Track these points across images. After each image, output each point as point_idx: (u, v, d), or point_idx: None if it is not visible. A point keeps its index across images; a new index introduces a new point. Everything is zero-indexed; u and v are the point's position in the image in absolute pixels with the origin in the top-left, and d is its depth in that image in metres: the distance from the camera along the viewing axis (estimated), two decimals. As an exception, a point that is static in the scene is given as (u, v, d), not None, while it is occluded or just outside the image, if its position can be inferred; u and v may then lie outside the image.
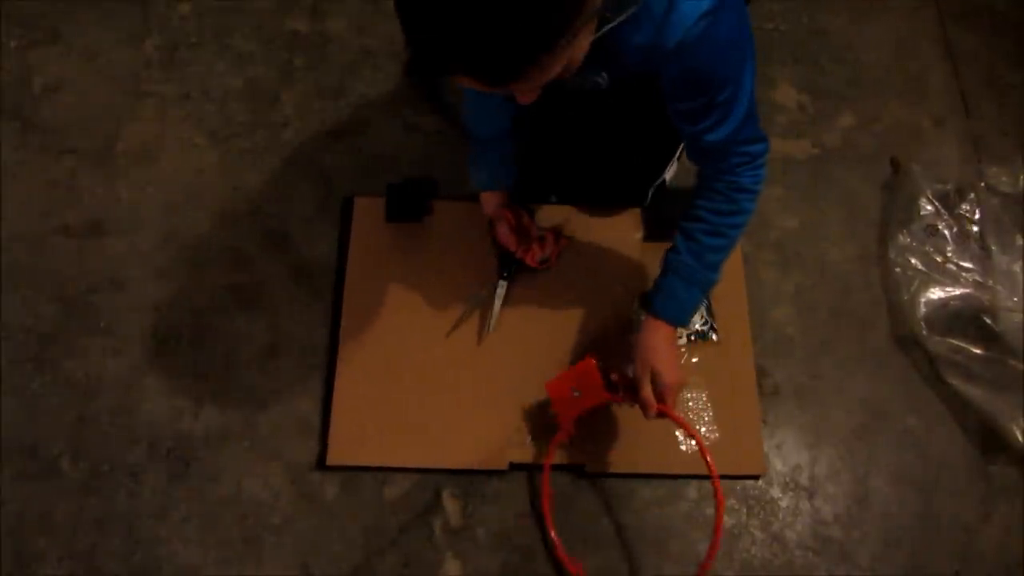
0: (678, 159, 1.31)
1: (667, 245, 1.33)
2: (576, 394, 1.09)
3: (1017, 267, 1.31)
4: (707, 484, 1.19)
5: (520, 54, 0.64)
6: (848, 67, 1.54)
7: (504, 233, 1.22)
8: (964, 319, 1.28)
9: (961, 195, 1.37)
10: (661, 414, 1.03)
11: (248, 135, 1.41)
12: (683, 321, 1.08)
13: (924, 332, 1.27)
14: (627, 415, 1.19)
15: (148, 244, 1.31)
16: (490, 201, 1.23)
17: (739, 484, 1.20)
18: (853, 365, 1.29)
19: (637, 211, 1.33)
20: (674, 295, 1.04)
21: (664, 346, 1.04)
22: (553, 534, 1.12)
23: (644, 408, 1.03)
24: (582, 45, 0.72)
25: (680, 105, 0.93)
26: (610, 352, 1.17)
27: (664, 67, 0.88)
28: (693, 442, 1.19)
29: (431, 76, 0.65)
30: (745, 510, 1.18)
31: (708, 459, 1.04)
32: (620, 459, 1.17)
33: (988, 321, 1.27)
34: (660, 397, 1.02)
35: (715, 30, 0.82)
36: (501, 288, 1.24)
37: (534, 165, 1.27)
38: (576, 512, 1.16)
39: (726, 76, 0.88)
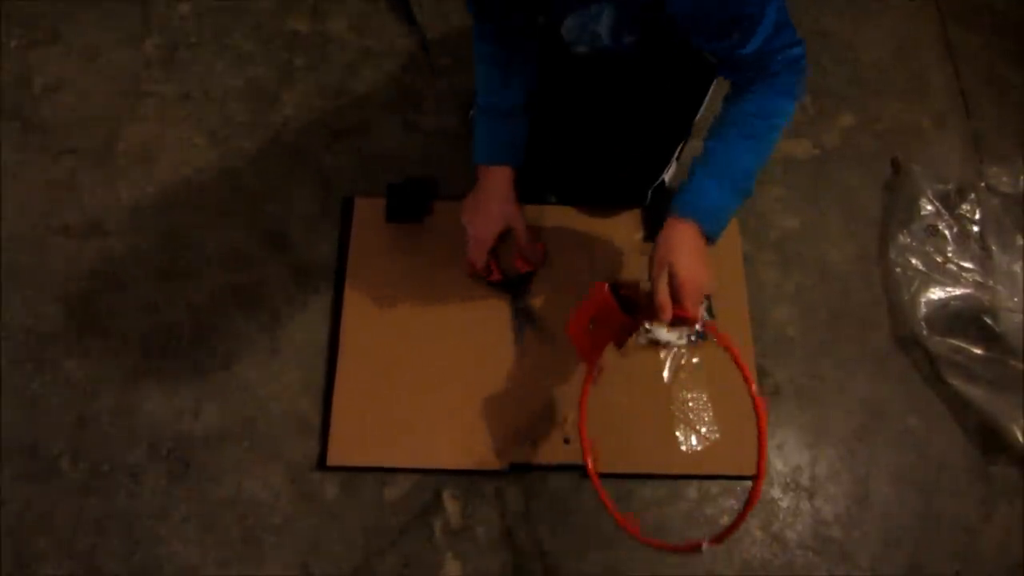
0: (677, 159, 1.30)
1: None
2: (592, 326, 1.00)
3: (1017, 267, 1.31)
4: (707, 484, 1.19)
5: None
6: (848, 67, 1.54)
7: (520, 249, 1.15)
8: (964, 319, 1.28)
9: (961, 195, 1.37)
10: (680, 321, 0.92)
11: (248, 135, 1.41)
12: (710, 225, 0.94)
13: (924, 332, 1.27)
14: (627, 415, 1.19)
15: (148, 244, 1.31)
16: (498, 178, 1.14)
17: (739, 484, 1.19)
18: (853, 365, 1.29)
19: (637, 211, 1.33)
20: (701, 191, 0.94)
21: (685, 243, 0.92)
22: (604, 496, 1.02)
23: (659, 312, 0.91)
24: None
25: (702, 26, 0.87)
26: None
27: None
28: (694, 441, 1.19)
29: None
30: (745, 510, 1.18)
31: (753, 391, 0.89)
32: (620, 459, 1.17)
33: (988, 321, 1.27)
34: (677, 298, 0.91)
35: None
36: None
37: (534, 165, 1.26)
38: (576, 512, 1.16)
39: None
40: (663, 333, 1.23)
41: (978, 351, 1.26)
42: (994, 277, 1.30)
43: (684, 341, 1.23)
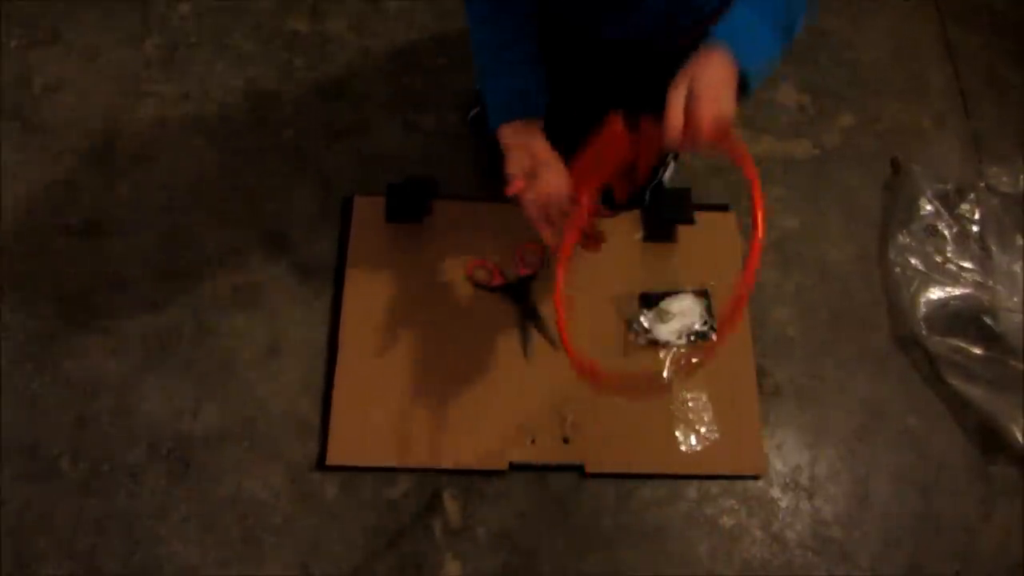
0: (675, 160, 1.31)
1: (667, 245, 1.34)
2: (597, 158, 0.89)
3: (1017, 267, 1.31)
4: (707, 484, 1.19)
5: None
6: (848, 67, 1.54)
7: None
8: (964, 319, 1.28)
9: (961, 195, 1.37)
10: (689, 145, 0.79)
11: (248, 135, 1.41)
12: (745, 54, 0.80)
13: (924, 332, 1.27)
14: (627, 415, 1.19)
15: (148, 244, 1.31)
16: (518, 136, 0.96)
17: (739, 484, 1.19)
18: (853, 365, 1.29)
19: (637, 211, 1.33)
20: (737, 17, 0.83)
21: (712, 65, 0.79)
22: (564, 332, 0.92)
23: (668, 129, 0.78)
24: None
25: None
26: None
27: None
28: (694, 441, 1.19)
29: None
30: (745, 510, 1.18)
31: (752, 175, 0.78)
32: (620, 459, 1.17)
33: (988, 321, 1.27)
34: (690, 114, 0.77)
35: None
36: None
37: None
38: (576, 512, 1.16)
39: None
40: (663, 332, 1.23)
41: (978, 351, 1.26)
42: (994, 277, 1.30)
43: (684, 341, 1.24)
